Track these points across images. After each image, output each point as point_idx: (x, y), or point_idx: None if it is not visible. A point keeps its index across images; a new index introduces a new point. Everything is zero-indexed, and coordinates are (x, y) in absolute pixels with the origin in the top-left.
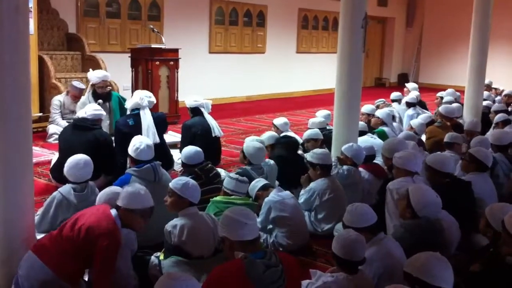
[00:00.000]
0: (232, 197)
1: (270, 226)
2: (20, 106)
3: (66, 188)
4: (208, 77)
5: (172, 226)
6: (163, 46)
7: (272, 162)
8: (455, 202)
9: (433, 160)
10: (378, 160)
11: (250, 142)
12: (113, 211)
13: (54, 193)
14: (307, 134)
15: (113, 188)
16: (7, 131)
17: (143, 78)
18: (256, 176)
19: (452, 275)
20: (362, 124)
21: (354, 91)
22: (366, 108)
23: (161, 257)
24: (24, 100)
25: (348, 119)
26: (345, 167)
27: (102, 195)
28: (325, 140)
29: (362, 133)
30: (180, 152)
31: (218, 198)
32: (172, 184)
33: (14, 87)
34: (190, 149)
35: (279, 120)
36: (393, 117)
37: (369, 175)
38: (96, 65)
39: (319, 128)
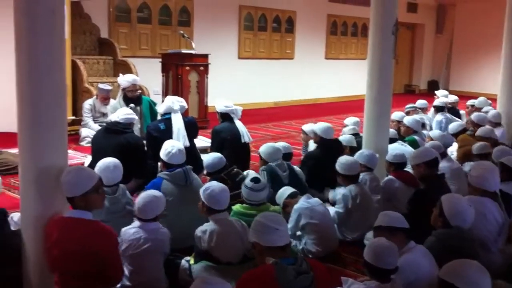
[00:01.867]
0: (249, 206)
1: (299, 233)
2: (56, 110)
3: None
4: (236, 83)
5: (202, 231)
6: (193, 52)
7: (297, 168)
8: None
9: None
10: (409, 168)
11: (264, 145)
12: (72, 213)
13: None
14: (342, 140)
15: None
16: (43, 134)
17: (173, 83)
18: (280, 172)
19: (490, 283)
20: (392, 131)
21: (385, 98)
22: (396, 115)
23: (191, 262)
24: (60, 104)
25: (379, 126)
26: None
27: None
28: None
29: (392, 140)
30: None
31: (238, 207)
32: (201, 192)
33: (51, 91)
34: (210, 157)
35: (308, 127)
36: (423, 125)
37: (399, 183)
38: (128, 70)
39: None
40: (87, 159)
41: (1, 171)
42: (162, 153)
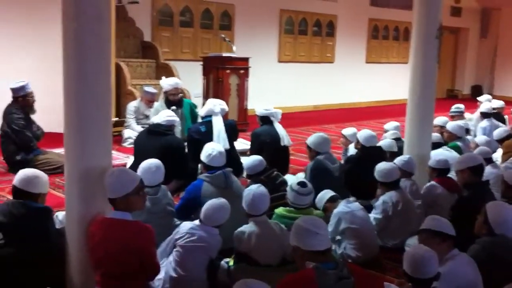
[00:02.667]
0: (293, 210)
1: (339, 238)
2: (101, 112)
3: None
4: (276, 86)
5: (241, 233)
6: (233, 55)
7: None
8: None
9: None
10: (452, 175)
11: (312, 135)
12: (113, 213)
13: None
14: (382, 145)
15: None
16: (89, 135)
17: (213, 86)
18: (330, 165)
19: None
20: (437, 136)
21: (427, 103)
22: (439, 120)
23: (231, 263)
24: (105, 106)
25: (421, 131)
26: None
27: None
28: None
29: (436, 145)
30: None
31: (280, 210)
32: (243, 194)
33: (96, 93)
34: (250, 159)
35: (348, 131)
36: (467, 130)
37: (441, 189)
38: (169, 73)
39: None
40: (129, 160)
41: (46, 170)
42: (203, 156)
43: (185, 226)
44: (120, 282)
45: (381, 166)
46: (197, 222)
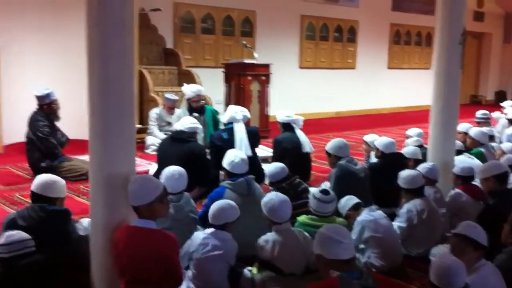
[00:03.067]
0: (316, 218)
1: (363, 246)
2: (125, 119)
3: None
4: (297, 92)
5: (265, 241)
6: (255, 61)
7: None
8: None
9: None
10: (476, 182)
11: (331, 141)
12: (137, 222)
13: None
14: (405, 152)
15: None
16: (113, 142)
17: (235, 93)
18: (354, 168)
19: None
20: (458, 143)
21: (451, 109)
22: (463, 126)
23: (254, 271)
24: (129, 113)
25: (445, 138)
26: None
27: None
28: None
29: (458, 152)
30: None
31: (303, 218)
32: (262, 205)
33: (120, 101)
34: (272, 167)
35: (370, 137)
36: (492, 137)
37: (466, 197)
38: (191, 80)
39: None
40: (152, 167)
41: (71, 177)
42: (225, 163)
43: (198, 237)
44: None
45: (405, 173)
46: (209, 230)
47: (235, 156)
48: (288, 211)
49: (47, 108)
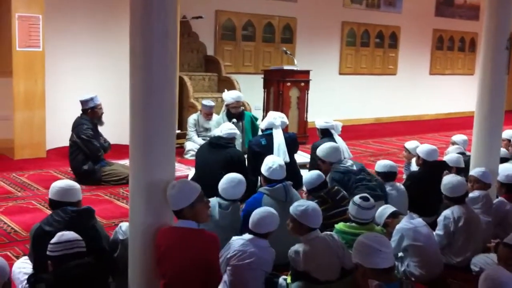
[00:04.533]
0: (355, 225)
1: (401, 255)
2: (166, 126)
3: (213, 201)
4: (337, 98)
5: (295, 253)
6: (294, 68)
7: (401, 186)
8: None
9: None
10: None
11: (321, 146)
12: (179, 223)
13: None
14: (448, 160)
15: None
16: (154, 148)
17: (274, 99)
18: (349, 164)
19: None
20: (503, 151)
21: (496, 116)
22: (508, 133)
23: (288, 280)
24: (170, 120)
25: (489, 145)
26: (476, 192)
27: None
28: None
29: (503, 160)
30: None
31: (341, 226)
32: (292, 209)
33: (162, 108)
34: (309, 174)
35: (411, 144)
36: None
37: (511, 206)
38: (231, 86)
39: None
40: (191, 172)
41: (111, 181)
42: (263, 168)
43: (236, 243)
44: None
45: (449, 179)
46: (247, 236)
47: (273, 162)
48: (320, 218)
49: (91, 113)
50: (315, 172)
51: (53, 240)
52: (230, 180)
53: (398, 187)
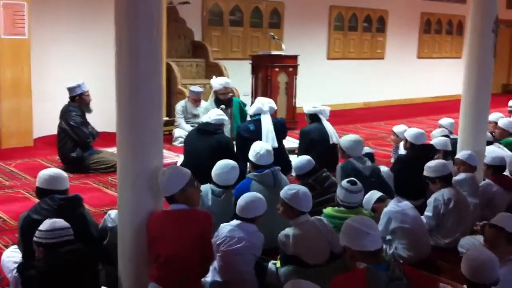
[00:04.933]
0: (343, 209)
1: (389, 237)
2: (153, 112)
3: (205, 187)
4: (326, 83)
5: (285, 236)
6: (282, 53)
7: (387, 169)
8: None
9: None
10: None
11: (346, 136)
12: (171, 206)
13: None
14: (435, 143)
15: None
16: (141, 135)
17: (262, 84)
18: (361, 167)
19: None
20: (488, 135)
21: (483, 99)
22: (494, 116)
23: (278, 265)
24: (157, 106)
25: (476, 128)
26: (462, 174)
27: None
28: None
29: (488, 143)
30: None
31: (329, 210)
32: (282, 193)
33: (148, 94)
34: (298, 160)
35: (399, 128)
36: None
37: (497, 187)
38: (219, 72)
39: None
40: (180, 159)
41: (100, 169)
42: (251, 155)
43: (224, 229)
44: (183, 268)
45: (432, 162)
46: (234, 222)
47: (260, 147)
48: (310, 201)
49: (78, 100)
50: (305, 157)
51: (42, 227)
52: (224, 166)
53: (384, 169)
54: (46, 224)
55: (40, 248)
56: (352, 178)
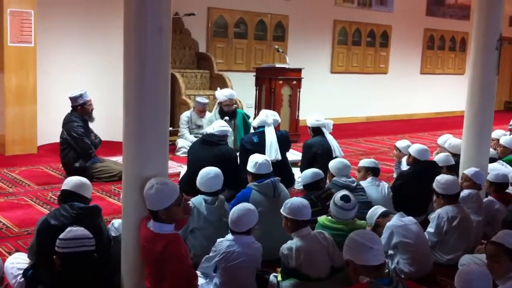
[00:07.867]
0: (336, 221)
1: (391, 252)
2: (159, 123)
3: (198, 199)
4: (329, 97)
5: (288, 249)
6: (286, 66)
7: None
8: None
9: None
10: (510, 190)
11: (334, 160)
12: (151, 224)
13: None
14: (437, 160)
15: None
16: (147, 145)
17: (266, 97)
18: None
19: None
20: (492, 151)
21: (486, 115)
22: (497, 133)
23: (279, 278)
24: (163, 117)
25: (479, 145)
26: (466, 191)
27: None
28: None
29: (491, 160)
30: (301, 171)
31: (323, 219)
32: (282, 210)
33: (155, 104)
34: (309, 170)
35: (402, 143)
36: None
37: (500, 205)
38: (223, 83)
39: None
40: (183, 169)
41: (103, 178)
42: (249, 166)
43: (221, 245)
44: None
45: (444, 177)
46: (230, 237)
47: (258, 157)
48: (308, 211)
49: (80, 109)
50: (315, 170)
51: (62, 236)
52: (206, 174)
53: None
54: (66, 232)
55: (58, 259)
56: (346, 194)
